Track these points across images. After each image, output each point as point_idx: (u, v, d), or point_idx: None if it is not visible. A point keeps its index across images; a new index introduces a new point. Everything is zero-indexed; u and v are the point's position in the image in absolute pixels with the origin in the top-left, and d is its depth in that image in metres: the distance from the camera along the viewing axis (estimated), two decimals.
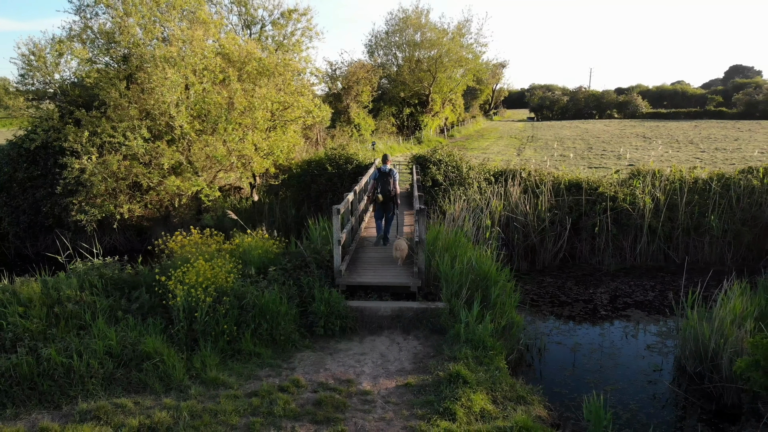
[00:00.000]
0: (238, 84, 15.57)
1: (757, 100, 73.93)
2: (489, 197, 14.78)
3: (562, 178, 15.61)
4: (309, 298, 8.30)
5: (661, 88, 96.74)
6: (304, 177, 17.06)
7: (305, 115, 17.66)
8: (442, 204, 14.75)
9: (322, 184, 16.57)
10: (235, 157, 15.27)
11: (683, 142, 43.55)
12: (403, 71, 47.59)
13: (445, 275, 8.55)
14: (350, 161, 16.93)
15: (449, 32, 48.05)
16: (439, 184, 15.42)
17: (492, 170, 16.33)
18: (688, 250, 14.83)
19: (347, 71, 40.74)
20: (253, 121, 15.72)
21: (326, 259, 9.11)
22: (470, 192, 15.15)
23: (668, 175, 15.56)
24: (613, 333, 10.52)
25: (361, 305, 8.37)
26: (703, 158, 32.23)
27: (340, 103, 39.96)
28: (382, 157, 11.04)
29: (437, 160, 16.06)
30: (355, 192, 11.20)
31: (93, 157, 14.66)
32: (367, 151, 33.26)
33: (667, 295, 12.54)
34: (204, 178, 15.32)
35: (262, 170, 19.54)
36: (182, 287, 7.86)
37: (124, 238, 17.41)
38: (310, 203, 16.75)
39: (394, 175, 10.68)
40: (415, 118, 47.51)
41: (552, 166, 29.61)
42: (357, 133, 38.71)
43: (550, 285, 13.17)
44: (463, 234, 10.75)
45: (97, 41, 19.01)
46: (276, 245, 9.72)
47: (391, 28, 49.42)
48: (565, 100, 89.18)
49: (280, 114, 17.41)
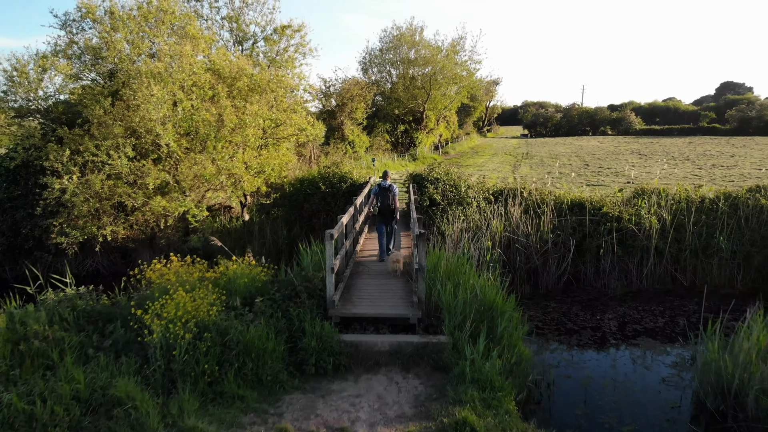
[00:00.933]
0: (228, 100, 15.00)
1: (750, 116, 74.52)
2: (489, 217, 14.19)
3: (565, 197, 15.06)
4: (299, 333, 7.60)
5: (654, 105, 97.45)
6: (296, 196, 16.42)
7: (298, 132, 17.09)
8: (440, 225, 14.14)
9: (315, 204, 15.93)
10: (225, 176, 14.62)
11: (679, 158, 43.39)
12: (398, 88, 47.40)
13: (448, 306, 7.89)
14: (344, 180, 16.33)
15: (443, 49, 48.01)
16: (437, 204, 14.83)
17: (491, 189, 15.77)
18: (696, 273, 14.26)
19: (341, 88, 40.45)
20: (243, 138, 15.12)
21: (318, 287, 8.44)
22: (469, 212, 14.56)
23: (674, 194, 15.05)
24: (625, 364, 9.86)
25: (356, 339, 7.68)
26: (701, 175, 31.93)
27: (334, 120, 39.58)
28: (383, 173, 11.39)
29: (434, 178, 15.49)
30: (349, 214, 10.58)
31: (74, 176, 13.97)
32: (362, 168, 32.77)
33: (678, 321, 11.92)
34: (192, 198, 14.64)
35: (253, 189, 18.88)
36: (159, 322, 7.15)
37: (108, 261, 16.63)
38: (302, 223, 16.09)
39: (393, 190, 11.02)
40: (409, 135, 47.20)
41: (550, 183, 29.19)
42: (351, 150, 38.26)
43: (555, 311, 12.51)
44: (465, 259, 10.11)
45: (84, 57, 18.48)
46: (264, 272, 9.03)
47: (385, 45, 49.38)
48: (559, 117, 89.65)
49: (272, 131, 16.82)
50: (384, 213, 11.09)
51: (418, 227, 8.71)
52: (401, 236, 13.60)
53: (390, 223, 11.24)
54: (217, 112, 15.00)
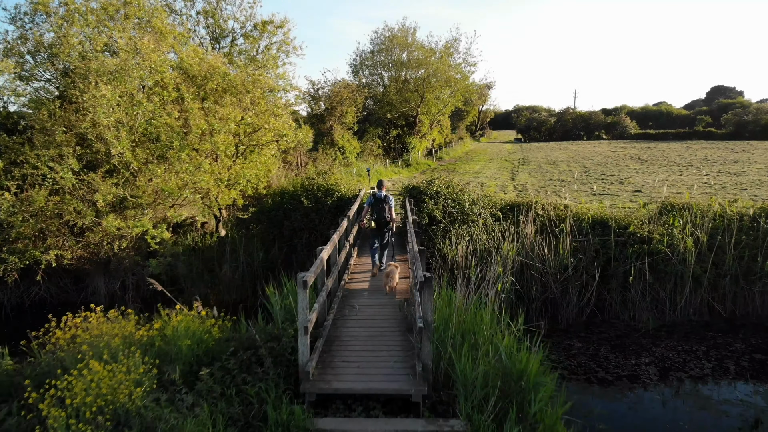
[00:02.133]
0: (195, 103, 12.89)
1: (746, 121, 73.74)
2: (498, 238, 12.18)
3: (584, 213, 13.09)
4: (259, 421, 5.50)
5: (646, 109, 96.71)
6: (275, 212, 14.28)
7: (278, 138, 15.00)
8: (442, 246, 12.12)
9: (297, 221, 13.83)
10: (190, 191, 12.49)
11: (682, 164, 41.81)
12: (390, 91, 45.46)
13: (464, 379, 5.84)
14: (330, 193, 14.26)
15: (437, 51, 46.18)
16: (437, 222, 12.81)
17: (499, 203, 13.78)
18: (736, 302, 12.34)
19: (330, 91, 38.42)
20: (213, 146, 13.01)
21: (288, 350, 6.36)
22: (475, 231, 12.56)
23: (706, 209, 13.15)
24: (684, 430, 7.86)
25: (338, 427, 5.60)
26: (710, 183, 30.26)
27: (323, 124, 37.51)
28: (378, 182, 10.70)
29: (434, 192, 13.48)
30: (333, 244, 8.53)
31: (6, 194, 11.78)
32: (351, 178, 30.67)
33: (728, 366, 9.96)
34: (151, 216, 12.49)
35: (228, 202, 16.78)
36: (59, 413, 5.03)
37: (57, 288, 14.36)
38: (282, 243, 13.98)
39: (389, 201, 10.39)
40: (402, 139, 45.21)
41: (552, 192, 27.34)
42: (341, 156, 36.18)
43: (581, 353, 10.50)
44: (482, 305, 8.07)
45: (39, 54, 16.33)
46: (218, 326, 6.94)
47: (377, 47, 47.46)
48: (553, 121, 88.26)
49: (247, 138, 14.71)
50: (379, 225, 10.41)
51: (420, 267, 6.66)
52: (398, 260, 11.58)
53: (386, 237, 10.61)
54: (183, 116, 12.89)
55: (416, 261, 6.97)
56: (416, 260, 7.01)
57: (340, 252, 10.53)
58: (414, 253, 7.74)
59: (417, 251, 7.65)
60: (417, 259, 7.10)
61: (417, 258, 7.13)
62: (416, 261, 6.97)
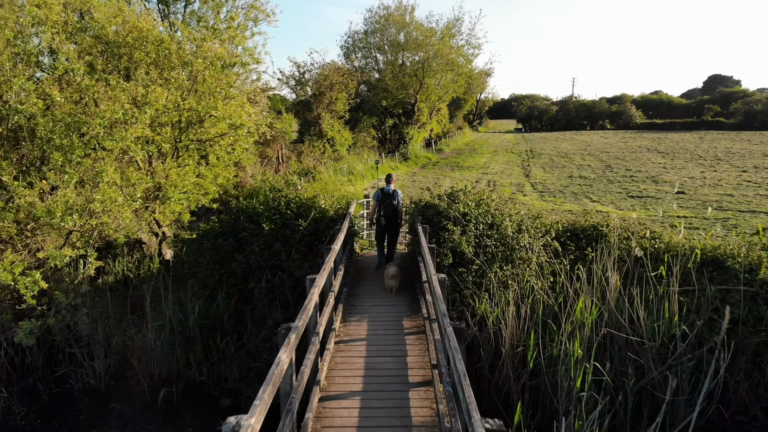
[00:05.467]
0: (91, 80, 8.37)
1: (755, 110, 70.99)
2: (566, 288, 7.87)
3: (678, 247, 8.77)
4: None
5: (646, 98, 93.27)
6: (222, 241, 9.69)
7: (231, 131, 10.49)
8: (476, 305, 7.80)
9: (255, 255, 9.30)
10: (78, 216, 8.00)
11: (707, 158, 37.79)
12: (386, 76, 40.83)
13: None
14: (304, 212, 9.77)
15: (438, 32, 41.55)
16: (468, 262, 8.43)
17: (554, 227, 9.42)
18: None
19: (318, 74, 33.72)
20: (122, 144, 8.52)
21: None
22: (526, 275, 8.22)
23: None
24: None
25: None
26: (756, 181, 26.15)
27: (309, 112, 32.91)
28: (386, 177, 10.20)
29: (461, 213, 9.08)
30: (298, 334, 4.17)
31: None
32: (342, 178, 26.09)
33: None
34: (10, 259, 7.99)
35: (172, 218, 12.37)
36: None
37: None
38: (231, 288, 9.46)
39: (398, 196, 9.92)
40: (399, 130, 40.64)
41: (581, 193, 23.10)
42: (331, 149, 31.61)
43: None
44: None
45: None
46: None
47: (371, 27, 42.73)
48: (555, 110, 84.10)
49: (184, 131, 10.21)
50: (388, 221, 9.89)
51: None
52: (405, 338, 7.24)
53: (394, 232, 10.20)
54: (74, 97, 8.37)
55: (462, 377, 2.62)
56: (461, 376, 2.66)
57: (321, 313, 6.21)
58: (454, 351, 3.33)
59: (451, 329, 3.25)
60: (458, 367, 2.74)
61: (458, 366, 2.77)
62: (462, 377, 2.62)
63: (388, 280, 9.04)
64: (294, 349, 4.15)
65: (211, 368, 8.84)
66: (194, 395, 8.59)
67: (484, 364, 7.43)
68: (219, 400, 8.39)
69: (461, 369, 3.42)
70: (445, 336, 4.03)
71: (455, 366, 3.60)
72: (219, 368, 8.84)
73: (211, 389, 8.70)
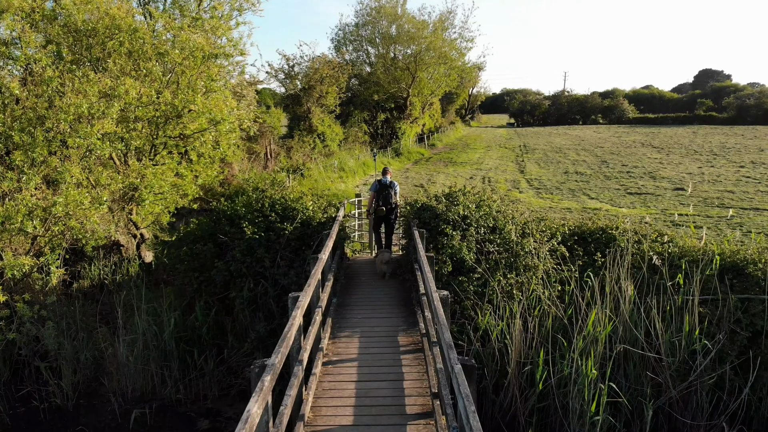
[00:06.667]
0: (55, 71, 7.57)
1: (748, 105, 71.19)
2: (576, 299, 7.23)
3: (693, 251, 8.16)
4: None
5: (638, 93, 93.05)
6: (200, 246, 8.94)
7: (211, 127, 9.72)
8: (478, 318, 7.14)
9: (237, 262, 8.57)
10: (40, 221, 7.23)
11: (702, 152, 37.47)
12: (377, 70, 40.02)
13: None
14: (290, 215, 9.04)
15: (430, 24, 40.74)
16: (469, 270, 7.76)
17: (560, 230, 8.77)
18: None
19: (308, 68, 32.81)
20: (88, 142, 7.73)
21: None
22: (529, 283, 7.57)
23: None
24: None
25: None
26: (755, 176, 25.74)
27: (299, 106, 32.02)
28: (383, 169, 10.56)
29: (461, 216, 8.39)
30: (273, 375, 3.47)
31: None
32: (333, 174, 25.35)
33: None
34: None
35: (150, 219, 11.62)
36: None
37: None
38: (210, 298, 8.73)
39: (395, 187, 10.28)
40: (391, 124, 39.87)
41: (578, 190, 22.48)
42: (321, 145, 30.79)
43: None
44: None
45: None
46: None
47: (362, 19, 41.86)
48: (547, 105, 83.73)
49: (161, 127, 9.42)
50: (385, 212, 10.14)
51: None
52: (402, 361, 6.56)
53: (391, 222, 10.43)
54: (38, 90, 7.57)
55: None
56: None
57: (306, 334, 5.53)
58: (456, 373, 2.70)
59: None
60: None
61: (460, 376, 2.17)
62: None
63: (381, 266, 9.31)
64: (270, 393, 3.45)
65: (189, 386, 8.11)
66: (170, 416, 7.87)
67: (488, 383, 6.76)
68: (197, 421, 7.68)
69: (476, 426, 2.74)
70: (453, 376, 3.35)
71: (466, 418, 2.91)
72: (197, 386, 8.13)
73: (189, 409, 7.99)
